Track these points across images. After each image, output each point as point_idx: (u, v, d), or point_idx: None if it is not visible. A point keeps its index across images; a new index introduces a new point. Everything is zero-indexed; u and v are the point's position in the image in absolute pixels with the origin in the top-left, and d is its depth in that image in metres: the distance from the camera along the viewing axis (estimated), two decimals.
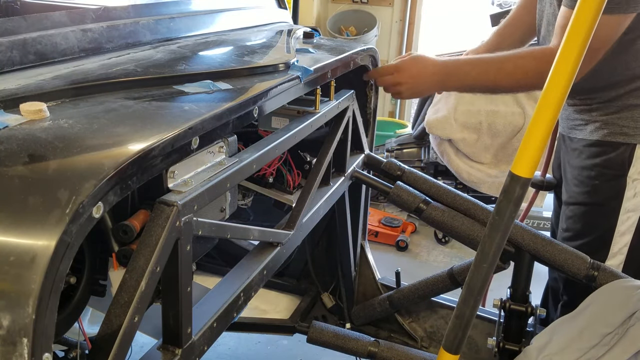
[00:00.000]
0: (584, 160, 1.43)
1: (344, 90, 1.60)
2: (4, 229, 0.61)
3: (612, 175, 1.38)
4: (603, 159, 1.39)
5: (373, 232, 3.39)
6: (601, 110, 1.39)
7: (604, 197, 1.40)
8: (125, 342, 0.77)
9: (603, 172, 1.39)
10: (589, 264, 1.33)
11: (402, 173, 1.64)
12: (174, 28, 1.38)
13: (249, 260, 1.21)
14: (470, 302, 1.00)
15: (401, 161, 1.75)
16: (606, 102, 1.38)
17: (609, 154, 1.38)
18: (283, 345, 2.44)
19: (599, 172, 1.40)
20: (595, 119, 1.40)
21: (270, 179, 1.43)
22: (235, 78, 1.12)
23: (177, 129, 0.82)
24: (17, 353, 0.57)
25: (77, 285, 0.96)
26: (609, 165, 1.38)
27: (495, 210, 0.94)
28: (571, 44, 0.85)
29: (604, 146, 1.39)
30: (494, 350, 1.43)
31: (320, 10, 5.03)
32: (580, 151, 1.45)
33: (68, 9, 1.16)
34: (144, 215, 0.90)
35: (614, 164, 1.37)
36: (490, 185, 3.26)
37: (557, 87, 0.86)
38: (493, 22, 3.69)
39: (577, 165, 1.46)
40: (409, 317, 1.86)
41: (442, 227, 1.54)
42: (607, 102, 1.38)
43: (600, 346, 1.15)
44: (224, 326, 1.06)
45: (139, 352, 0.97)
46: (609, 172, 1.38)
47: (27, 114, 0.80)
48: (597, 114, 1.40)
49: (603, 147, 1.39)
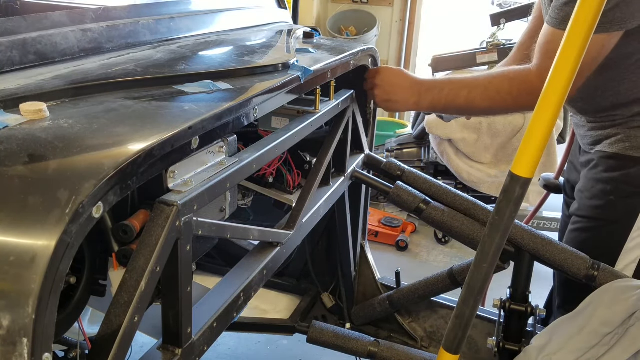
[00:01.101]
0: (601, 172, 1.37)
1: (344, 90, 1.60)
2: (4, 229, 0.61)
3: (629, 192, 1.32)
4: (621, 173, 1.32)
5: (373, 232, 3.39)
6: (625, 125, 1.33)
7: (617, 214, 1.34)
8: (125, 342, 0.77)
9: (620, 188, 1.33)
10: (589, 264, 1.33)
11: (402, 173, 1.64)
12: (174, 28, 1.38)
13: (249, 260, 1.21)
14: (470, 302, 1.00)
15: (401, 161, 1.74)
16: (630, 117, 1.32)
17: (629, 168, 1.31)
18: (283, 345, 2.44)
19: (615, 187, 1.33)
20: (617, 132, 1.34)
21: (270, 179, 1.43)
22: (235, 78, 1.12)
23: (177, 129, 0.82)
24: (17, 353, 0.57)
25: (77, 285, 0.96)
26: (628, 181, 1.32)
27: (495, 210, 0.94)
28: (572, 42, 0.85)
29: (623, 160, 1.32)
30: (494, 350, 1.43)
31: (320, 10, 5.03)
32: (597, 163, 1.38)
33: (68, 9, 1.16)
34: (144, 215, 0.90)
35: (633, 179, 1.31)
36: (490, 185, 3.26)
37: (557, 87, 0.86)
38: (493, 22, 3.69)
39: (591, 177, 1.39)
40: (409, 317, 1.86)
41: (442, 227, 1.54)
42: (630, 118, 1.32)
43: (600, 346, 1.15)
44: (224, 326, 1.06)
45: (139, 352, 0.97)
46: (627, 188, 1.32)
47: (27, 114, 0.80)
48: (620, 128, 1.34)
49: (622, 161, 1.32)
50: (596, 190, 1.38)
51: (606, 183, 1.35)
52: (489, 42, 3.66)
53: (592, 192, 1.39)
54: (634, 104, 1.31)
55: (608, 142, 1.36)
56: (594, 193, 1.38)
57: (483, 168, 3.26)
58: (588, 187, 1.40)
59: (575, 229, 1.45)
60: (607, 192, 1.35)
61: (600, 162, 1.37)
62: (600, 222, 1.38)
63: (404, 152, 3.67)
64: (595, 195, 1.38)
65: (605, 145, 1.36)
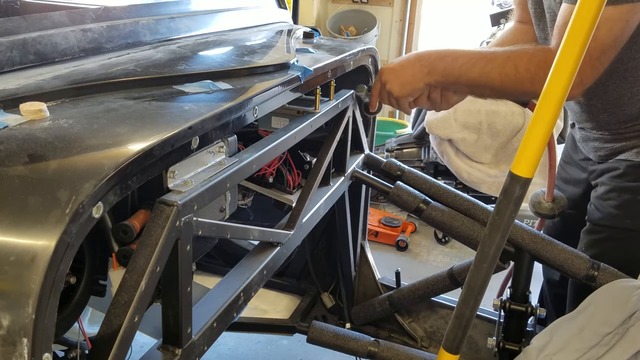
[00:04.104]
0: (629, 182, 1.33)
1: (344, 90, 1.60)
2: (4, 229, 0.61)
3: None
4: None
5: (373, 232, 3.39)
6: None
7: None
8: (125, 342, 0.77)
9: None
10: (589, 263, 1.33)
11: (402, 173, 1.64)
12: (174, 28, 1.38)
13: (249, 260, 1.21)
14: (470, 302, 1.00)
15: (401, 161, 1.74)
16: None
17: None
18: (283, 345, 2.44)
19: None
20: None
21: (270, 179, 1.43)
22: (235, 78, 1.12)
23: (177, 129, 0.82)
24: (17, 353, 0.57)
25: (77, 285, 0.96)
26: None
27: (495, 210, 0.94)
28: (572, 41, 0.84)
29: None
30: (494, 350, 1.43)
31: (320, 10, 5.03)
32: (624, 172, 1.34)
33: (68, 9, 1.16)
34: (144, 215, 0.90)
35: None
36: (490, 185, 3.26)
37: (557, 87, 0.86)
38: (493, 22, 3.69)
39: (617, 185, 1.36)
40: (409, 317, 1.86)
41: (442, 227, 1.54)
42: None
43: (600, 346, 1.15)
44: (224, 326, 1.06)
45: (139, 352, 0.97)
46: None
47: (27, 114, 0.80)
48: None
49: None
50: (623, 199, 1.34)
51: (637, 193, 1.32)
52: (489, 42, 3.66)
53: (618, 200, 1.35)
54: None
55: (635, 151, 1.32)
56: (621, 202, 1.34)
57: (483, 168, 3.25)
58: (612, 195, 1.36)
59: (599, 239, 1.40)
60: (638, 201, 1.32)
61: (627, 171, 1.33)
62: (630, 232, 1.35)
63: (404, 152, 3.67)
64: (623, 205, 1.34)
65: (632, 154, 1.32)
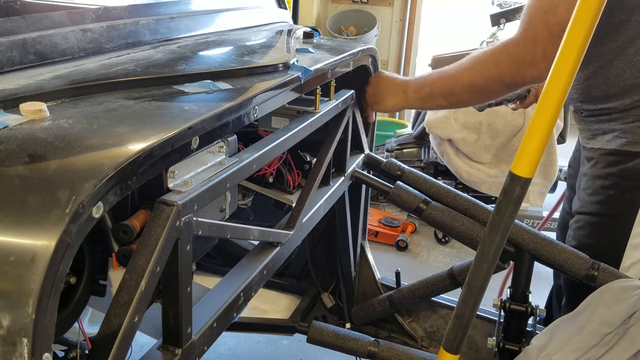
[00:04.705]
0: (600, 169, 1.38)
1: (344, 90, 1.60)
2: (4, 229, 0.61)
3: (628, 187, 1.33)
4: (619, 168, 1.33)
5: (373, 232, 3.39)
6: (620, 120, 1.34)
7: (617, 209, 1.35)
8: (125, 342, 0.77)
9: (619, 182, 1.34)
10: (589, 263, 1.33)
11: (402, 173, 1.64)
12: (174, 28, 1.38)
13: (249, 260, 1.21)
14: (470, 302, 1.00)
15: (401, 161, 1.75)
16: (624, 111, 1.33)
17: (626, 163, 1.32)
18: (283, 345, 2.44)
19: (614, 182, 1.35)
20: (614, 128, 1.35)
21: (270, 179, 1.43)
22: (235, 78, 1.12)
23: (177, 129, 0.82)
24: (17, 353, 0.57)
25: (77, 285, 0.96)
26: (625, 176, 1.33)
27: (495, 210, 0.94)
28: (572, 40, 0.85)
29: (621, 155, 1.33)
30: (494, 350, 1.43)
31: (320, 10, 5.03)
32: (597, 160, 1.39)
33: (68, 9, 1.16)
34: (144, 215, 0.90)
35: (631, 174, 1.32)
36: (490, 185, 3.26)
37: (557, 87, 0.86)
38: (493, 22, 3.69)
39: (591, 174, 1.41)
40: (409, 317, 1.86)
41: (442, 227, 1.54)
42: (625, 111, 1.33)
43: (600, 346, 1.15)
44: (224, 326, 1.06)
45: (139, 352, 0.97)
46: (625, 182, 1.33)
47: (27, 114, 0.80)
48: (616, 123, 1.35)
49: (620, 157, 1.33)
50: (596, 186, 1.39)
51: (605, 178, 1.36)
52: (489, 42, 3.66)
53: (592, 188, 1.40)
54: (625, 94, 1.31)
55: (606, 138, 1.37)
56: (594, 189, 1.39)
57: (483, 168, 3.25)
58: (589, 183, 1.41)
59: (578, 227, 1.45)
60: (607, 186, 1.36)
61: (599, 160, 1.38)
62: (601, 217, 1.39)
63: (404, 152, 3.67)
64: (595, 191, 1.39)
65: (603, 142, 1.37)
